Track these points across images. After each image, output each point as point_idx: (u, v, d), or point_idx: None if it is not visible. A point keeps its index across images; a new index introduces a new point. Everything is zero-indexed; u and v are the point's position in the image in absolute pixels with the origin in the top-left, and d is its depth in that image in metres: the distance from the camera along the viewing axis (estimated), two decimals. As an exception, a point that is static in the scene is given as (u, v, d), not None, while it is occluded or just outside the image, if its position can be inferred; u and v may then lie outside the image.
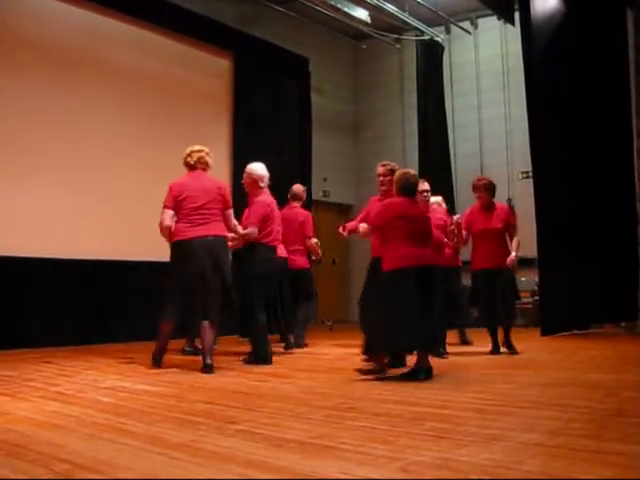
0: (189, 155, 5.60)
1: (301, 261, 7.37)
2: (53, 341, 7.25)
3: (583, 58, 8.27)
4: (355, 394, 4.15)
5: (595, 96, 8.32)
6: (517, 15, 9.74)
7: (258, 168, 6.10)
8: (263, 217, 5.83)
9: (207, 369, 5.18)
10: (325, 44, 12.10)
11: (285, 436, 2.94)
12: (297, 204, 7.57)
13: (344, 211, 13.05)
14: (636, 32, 8.71)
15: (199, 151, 5.62)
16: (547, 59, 8.50)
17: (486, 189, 6.42)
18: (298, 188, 7.68)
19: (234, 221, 5.64)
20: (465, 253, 6.91)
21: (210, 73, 9.97)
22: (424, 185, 6.43)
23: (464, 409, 3.56)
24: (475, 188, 6.48)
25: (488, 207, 6.44)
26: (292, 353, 6.85)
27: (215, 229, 5.36)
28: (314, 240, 7.44)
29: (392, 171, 5.47)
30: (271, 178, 6.14)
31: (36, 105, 7.78)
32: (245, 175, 6.11)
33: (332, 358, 6.53)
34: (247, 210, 6.05)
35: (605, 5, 8.50)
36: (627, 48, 8.70)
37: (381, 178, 5.65)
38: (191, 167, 5.57)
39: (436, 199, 6.98)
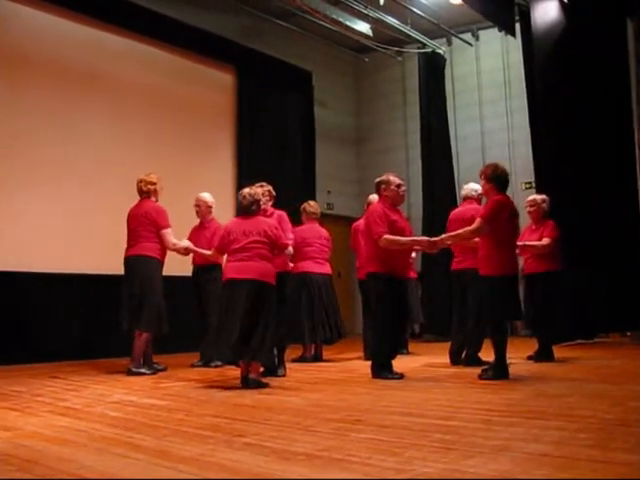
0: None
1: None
2: (60, 356, 7.27)
3: (584, 68, 8.31)
4: (362, 406, 4.17)
5: (596, 106, 8.35)
6: (518, 26, 9.82)
7: (210, 196, 7.13)
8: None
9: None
10: (327, 57, 12.17)
11: (293, 449, 2.96)
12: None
13: (348, 223, 13.06)
14: (636, 42, 8.74)
15: (139, 180, 6.40)
16: (548, 70, 8.55)
17: None
18: (375, 198, 7.78)
19: (170, 239, 6.23)
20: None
21: (213, 88, 10.03)
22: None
23: (471, 420, 3.57)
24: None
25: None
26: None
27: (138, 249, 6.16)
28: None
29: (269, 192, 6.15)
30: (276, 191, 6.31)
31: (36, 119, 7.84)
32: (201, 203, 7.04)
33: (338, 370, 6.54)
34: (201, 232, 6.95)
35: (605, 15, 8.54)
36: (628, 58, 8.72)
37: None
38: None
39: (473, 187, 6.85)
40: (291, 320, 6.98)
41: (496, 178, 5.45)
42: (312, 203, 7.70)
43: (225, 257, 5.53)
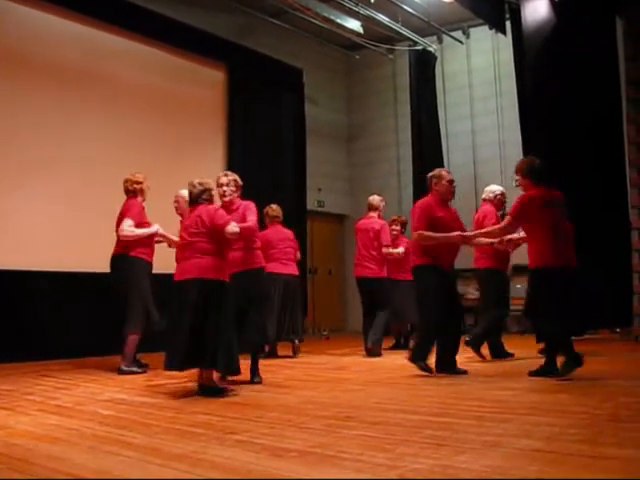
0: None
1: (377, 270, 7.60)
2: (51, 354, 7.23)
3: (574, 66, 8.33)
4: (353, 403, 4.18)
5: (586, 104, 8.37)
6: (508, 24, 9.84)
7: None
8: None
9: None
10: (318, 55, 12.16)
11: (285, 446, 2.97)
12: (374, 214, 7.85)
13: (339, 221, 13.09)
14: (625, 40, 8.77)
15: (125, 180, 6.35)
16: (538, 68, 8.56)
17: None
18: (375, 199, 7.96)
19: (122, 226, 6.07)
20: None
21: (204, 85, 10.01)
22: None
23: (462, 416, 3.59)
24: None
25: None
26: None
27: (118, 248, 6.19)
28: (391, 249, 7.72)
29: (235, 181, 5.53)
30: (267, 189, 6.27)
31: (30, 118, 7.79)
32: (180, 199, 6.30)
33: (329, 367, 6.55)
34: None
35: (595, 14, 8.56)
36: (617, 57, 8.75)
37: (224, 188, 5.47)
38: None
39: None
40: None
41: (532, 172, 5.43)
42: (274, 207, 7.84)
43: None
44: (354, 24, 10.22)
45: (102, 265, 7.09)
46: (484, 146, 11.58)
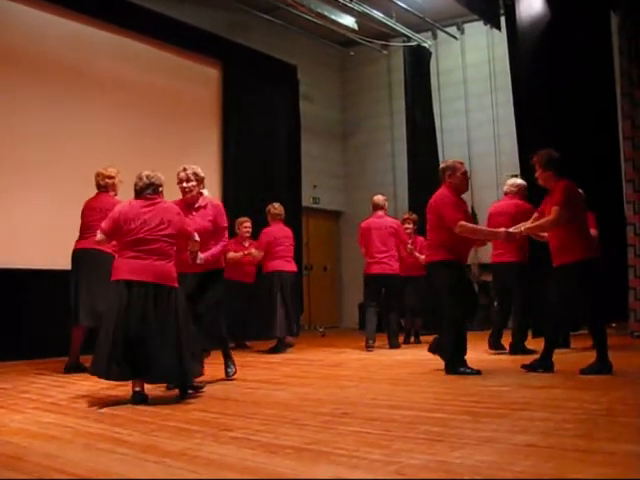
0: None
1: (396, 267, 7.86)
2: (48, 353, 7.22)
3: (569, 61, 8.34)
4: (349, 399, 4.18)
5: (581, 100, 8.38)
6: (503, 20, 9.83)
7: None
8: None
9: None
10: (313, 51, 12.14)
11: (280, 442, 2.96)
12: (382, 212, 8.04)
13: (334, 217, 13.09)
14: (620, 36, 8.77)
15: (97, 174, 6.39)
16: (533, 63, 8.56)
17: None
18: (380, 198, 8.14)
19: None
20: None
21: (199, 82, 9.98)
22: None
23: (458, 412, 3.59)
24: None
25: None
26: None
27: (90, 243, 5.63)
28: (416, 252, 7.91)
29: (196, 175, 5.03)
30: (262, 186, 6.20)
31: (23, 116, 7.75)
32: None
33: (325, 364, 6.55)
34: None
35: (589, 9, 8.57)
36: (612, 51, 8.77)
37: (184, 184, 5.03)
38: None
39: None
40: (267, 316, 7.53)
41: (551, 164, 5.36)
42: (276, 205, 8.01)
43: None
44: (348, 20, 10.22)
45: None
46: (479, 141, 11.58)
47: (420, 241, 8.10)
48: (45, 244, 7.67)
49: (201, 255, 4.80)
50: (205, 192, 5.26)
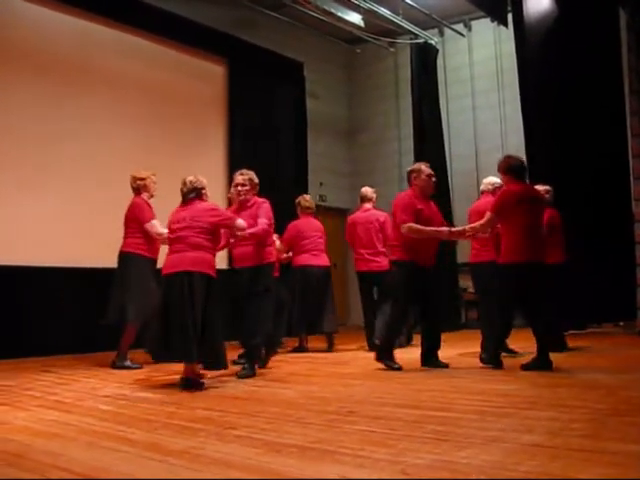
0: None
1: (384, 264, 7.30)
2: (52, 350, 7.23)
3: (576, 58, 8.29)
4: (355, 398, 4.15)
5: (589, 95, 8.33)
6: (510, 16, 9.78)
7: None
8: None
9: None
10: (319, 49, 12.11)
11: (284, 441, 2.94)
12: (369, 205, 7.75)
13: (341, 215, 13.05)
14: (629, 32, 8.71)
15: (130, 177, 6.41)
16: (541, 60, 8.52)
17: None
18: (368, 190, 7.87)
19: (154, 230, 6.08)
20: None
21: (204, 79, 9.97)
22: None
23: (464, 411, 3.56)
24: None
25: None
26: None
27: (123, 246, 6.22)
28: None
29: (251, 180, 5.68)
30: (268, 184, 6.19)
31: (29, 113, 7.75)
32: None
33: (331, 362, 6.52)
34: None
35: (597, 5, 8.51)
36: (620, 48, 8.70)
37: (239, 188, 5.66)
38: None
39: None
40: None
41: (509, 169, 5.56)
42: (307, 197, 7.90)
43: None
44: (355, 17, 10.17)
45: (103, 261, 7.08)
46: (486, 138, 11.52)
47: None
48: (48, 241, 7.68)
49: (240, 220, 5.23)
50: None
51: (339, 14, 9.95)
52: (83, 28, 8.40)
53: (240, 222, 5.23)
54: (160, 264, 5.49)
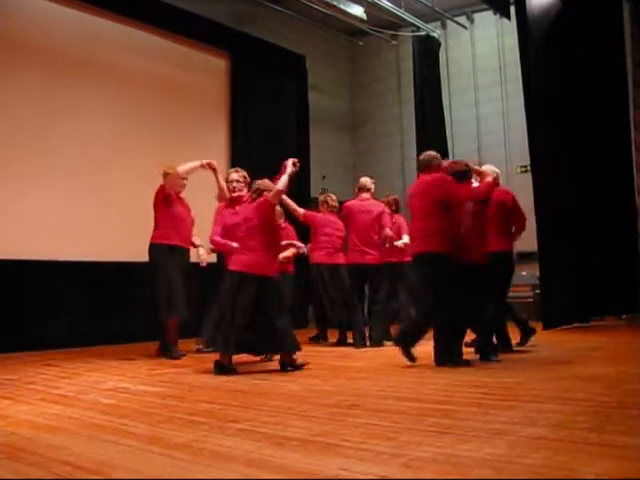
0: None
1: (378, 256, 7.24)
2: (54, 344, 7.23)
3: (580, 51, 8.24)
4: (357, 391, 4.14)
5: (592, 89, 8.29)
6: (513, 9, 9.73)
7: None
8: None
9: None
10: (321, 41, 12.08)
11: (287, 434, 2.93)
12: (367, 195, 7.47)
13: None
14: (632, 24, 8.69)
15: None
16: (544, 52, 8.46)
17: None
18: (367, 180, 7.61)
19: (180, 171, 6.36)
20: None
21: (206, 73, 9.94)
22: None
23: (467, 404, 3.55)
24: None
25: None
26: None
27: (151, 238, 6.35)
28: (388, 231, 7.15)
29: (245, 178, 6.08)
30: (271, 177, 6.12)
31: (32, 107, 7.75)
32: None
33: (333, 356, 6.52)
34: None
35: (601, -3, 8.48)
36: (624, 40, 8.66)
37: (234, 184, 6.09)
38: None
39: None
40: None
41: (451, 173, 5.48)
42: (334, 197, 7.66)
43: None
44: (357, 10, 10.13)
45: (105, 254, 7.09)
46: (489, 133, 11.50)
47: (405, 228, 7.42)
48: (54, 234, 7.68)
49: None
50: None
51: (341, 6, 9.91)
52: (85, 21, 8.37)
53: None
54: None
